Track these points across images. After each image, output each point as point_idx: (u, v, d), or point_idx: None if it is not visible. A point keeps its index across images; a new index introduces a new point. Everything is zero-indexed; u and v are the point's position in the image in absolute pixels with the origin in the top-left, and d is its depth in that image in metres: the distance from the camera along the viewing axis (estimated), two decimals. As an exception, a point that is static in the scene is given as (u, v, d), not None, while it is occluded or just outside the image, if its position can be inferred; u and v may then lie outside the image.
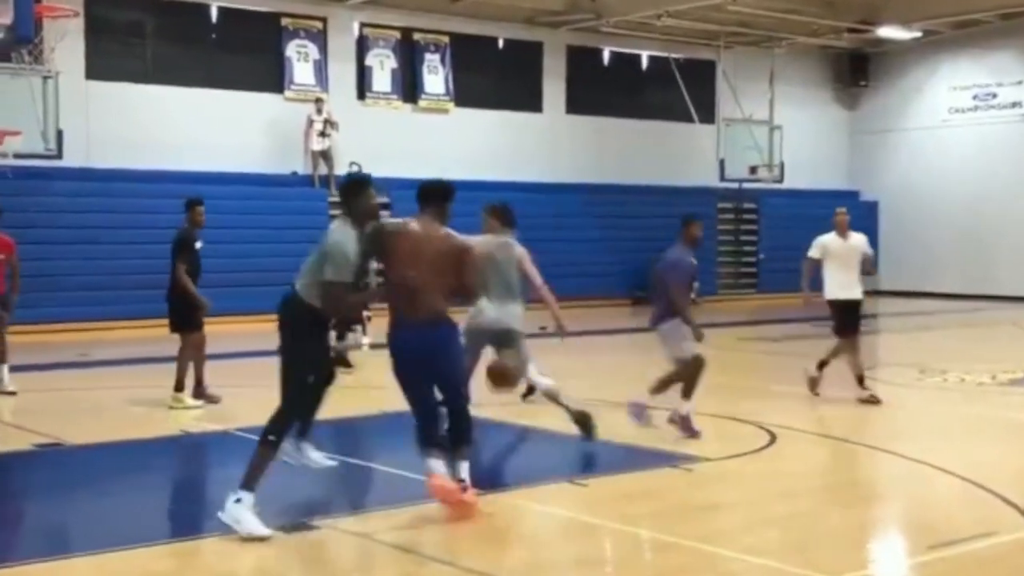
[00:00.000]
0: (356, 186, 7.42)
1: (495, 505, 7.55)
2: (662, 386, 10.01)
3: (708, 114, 27.74)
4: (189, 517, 7.65)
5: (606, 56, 26.96)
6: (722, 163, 27.23)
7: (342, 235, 7.05)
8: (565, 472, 8.26)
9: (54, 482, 8.37)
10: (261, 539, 6.61)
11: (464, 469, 7.27)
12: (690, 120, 27.19)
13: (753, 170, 27.62)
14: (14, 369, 12.41)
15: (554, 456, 9.56)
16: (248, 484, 6.78)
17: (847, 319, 12.01)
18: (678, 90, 26.83)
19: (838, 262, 12.05)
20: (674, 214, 29.03)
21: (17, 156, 18.28)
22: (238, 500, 6.72)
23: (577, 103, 26.59)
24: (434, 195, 7.54)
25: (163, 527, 7.41)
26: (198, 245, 11.32)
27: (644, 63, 27.41)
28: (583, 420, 9.49)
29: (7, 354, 12.29)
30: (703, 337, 9.93)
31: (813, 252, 12.29)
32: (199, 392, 11.40)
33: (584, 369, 14.65)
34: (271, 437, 6.92)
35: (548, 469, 8.79)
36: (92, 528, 7.25)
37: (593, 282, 24.95)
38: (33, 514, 7.63)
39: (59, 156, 18.84)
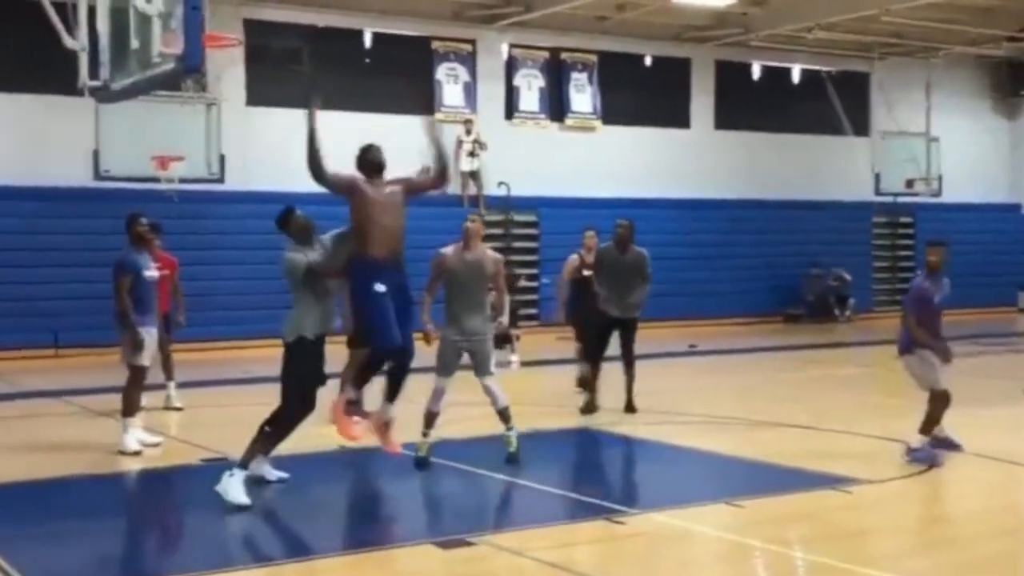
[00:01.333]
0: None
1: (649, 524, 7.54)
2: (930, 424, 9.60)
3: (862, 127, 27.19)
4: (350, 530, 7.83)
5: (755, 70, 26.65)
6: (877, 177, 26.66)
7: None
8: (722, 493, 8.19)
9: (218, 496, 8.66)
10: (243, 507, 7.72)
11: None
12: (843, 133, 26.69)
13: (910, 183, 26.95)
14: (180, 386, 12.91)
15: (711, 477, 9.49)
16: (243, 463, 7.97)
17: None
18: (830, 103, 26.37)
19: None
20: (826, 229, 28.71)
21: (182, 180, 19.04)
22: (231, 474, 7.87)
23: (726, 118, 26.35)
24: None
25: (326, 540, 7.60)
26: None
27: (795, 76, 27.01)
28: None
29: (174, 371, 12.80)
30: (951, 356, 9.57)
31: None
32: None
33: (727, 387, 14.48)
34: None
35: (704, 490, 8.73)
36: (258, 541, 7.48)
37: (743, 299, 24.66)
38: (199, 526, 7.91)
39: (221, 180, 19.54)
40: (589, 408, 12.19)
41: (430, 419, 9.35)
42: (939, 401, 9.49)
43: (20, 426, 12.40)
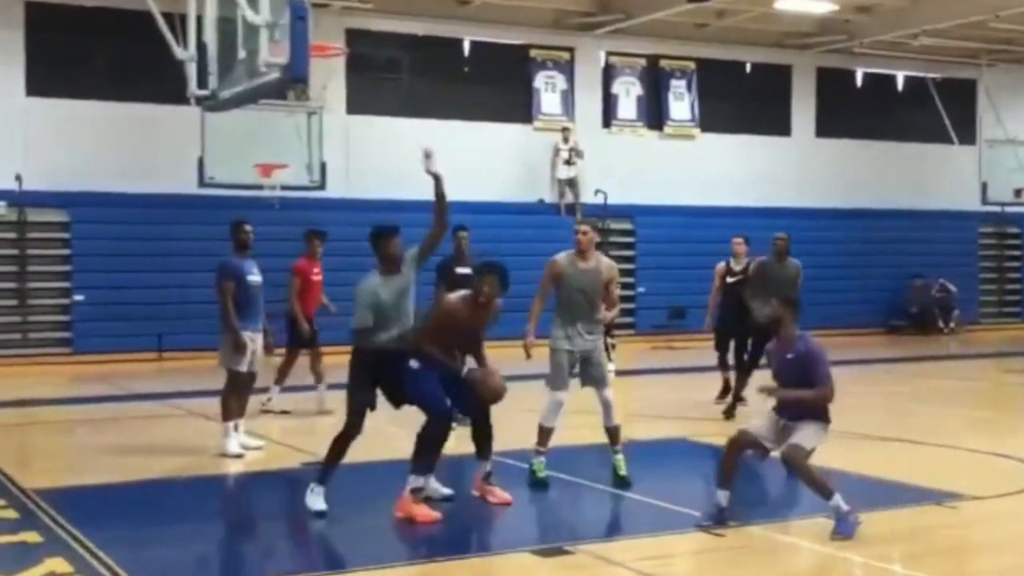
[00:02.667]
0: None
1: (749, 537, 7.44)
2: None
3: (968, 135, 26.60)
4: (449, 537, 7.84)
5: (858, 77, 26.23)
6: (984, 185, 26.00)
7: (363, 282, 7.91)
8: (823, 507, 8.03)
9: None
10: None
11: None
12: (948, 141, 26.13)
13: (1019, 193, 26.27)
14: (284, 390, 13.10)
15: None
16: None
17: None
18: (935, 111, 25.85)
19: None
20: (931, 239, 28.08)
21: (284, 188, 19.34)
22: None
23: (827, 126, 25.98)
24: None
25: (424, 547, 7.63)
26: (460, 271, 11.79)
27: (899, 84, 26.51)
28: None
29: (286, 378, 13.03)
30: None
31: None
32: None
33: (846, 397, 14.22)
34: None
35: (806, 503, 8.57)
36: (358, 544, 7.54)
37: (845, 311, 24.23)
38: (301, 530, 8.00)
39: (322, 187, 19.80)
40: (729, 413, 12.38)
41: (546, 435, 9.01)
42: None
43: (126, 428, 12.69)
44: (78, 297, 19.62)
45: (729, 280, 13.34)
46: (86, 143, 19.64)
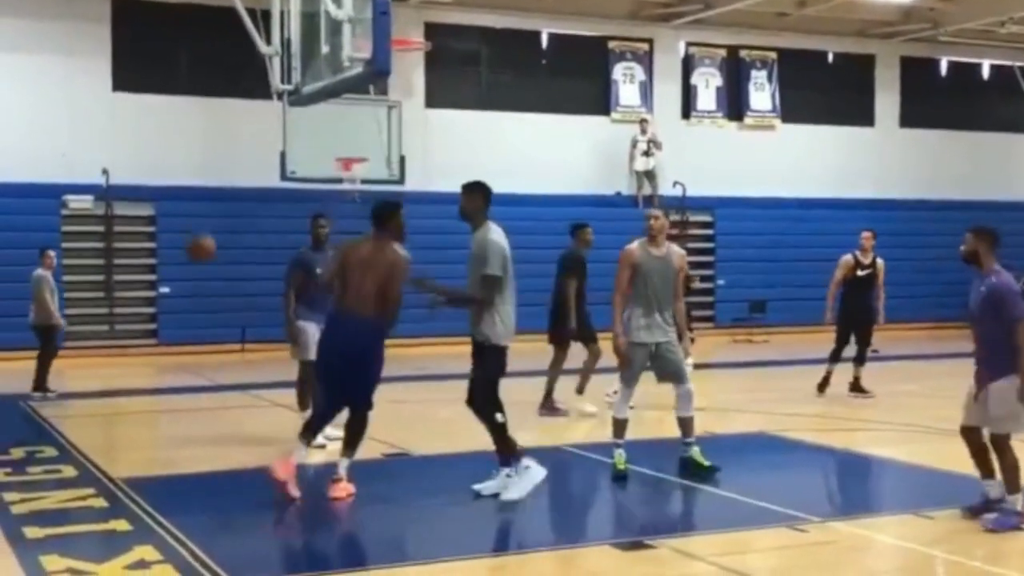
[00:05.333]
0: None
1: (832, 533, 7.36)
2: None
3: (1057, 124, 25.97)
4: (531, 529, 7.87)
5: (943, 66, 25.75)
6: (1073, 176, 25.40)
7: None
8: (909, 503, 7.93)
9: (402, 490, 8.84)
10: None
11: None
12: (1036, 131, 25.54)
13: (1107, 182, 25.59)
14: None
15: (897, 486, 9.21)
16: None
17: None
18: (1022, 100, 25.25)
19: None
20: (1018, 231, 27.58)
21: (364, 182, 19.48)
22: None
23: (911, 116, 25.54)
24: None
25: (509, 536, 7.66)
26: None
27: (985, 72, 25.97)
28: None
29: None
30: None
31: None
32: (549, 404, 12.04)
33: (912, 393, 14.03)
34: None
35: (891, 499, 8.49)
36: (445, 535, 7.56)
37: (928, 304, 23.82)
38: (383, 520, 8.07)
39: (401, 181, 19.91)
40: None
41: (621, 427, 8.95)
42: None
43: (210, 418, 12.91)
44: (164, 289, 19.99)
45: (859, 274, 13.41)
46: (171, 137, 19.97)
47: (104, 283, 19.84)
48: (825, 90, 25.07)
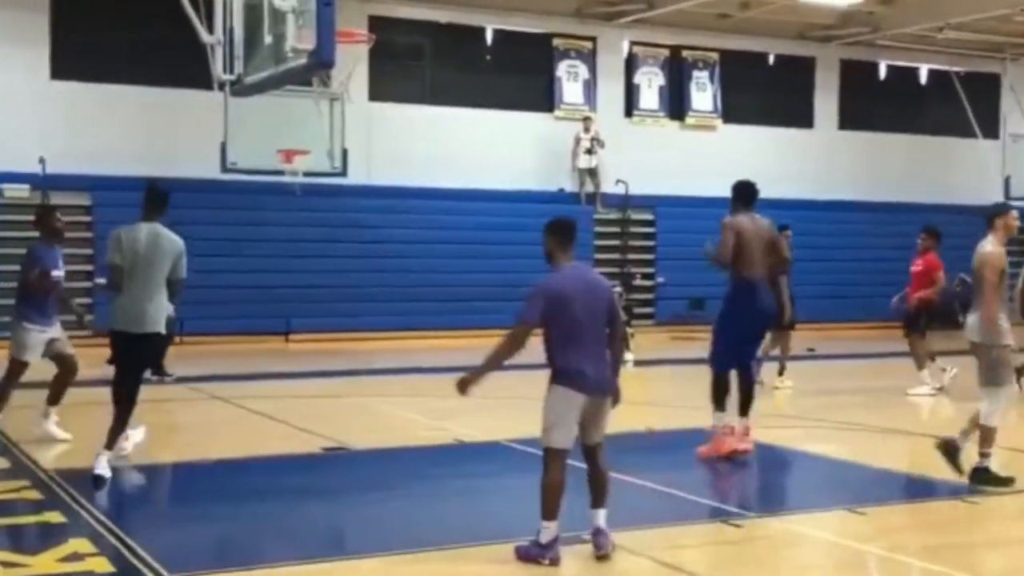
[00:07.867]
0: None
1: (767, 528, 7.45)
2: None
3: (991, 129, 26.42)
4: (462, 523, 7.86)
5: (882, 70, 26.13)
6: (1007, 180, 25.83)
7: None
8: (843, 500, 8.03)
9: (339, 484, 8.81)
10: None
11: None
12: (972, 136, 25.96)
13: (1042, 188, 26.05)
14: (296, 376, 13.15)
15: (832, 483, 9.30)
16: None
17: None
18: (959, 104, 25.68)
19: None
20: (953, 234, 27.86)
21: (306, 174, 19.36)
22: None
23: (850, 118, 25.90)
24: None
25: (440, 532, 7.65)
26: None
27: (923, 77, 26.38)
28: None
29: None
30: None
31: None
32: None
33: (848, 392, 14.21)
34: None
35: (825, 495, 8.58)
36: (375, 530, 7.56)
37: (864, 304, 24.13)
38: (319, 514, 8.03)
39: (344, 174, 19.83)
40: None
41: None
42: None
43: (144, 410, 12.75)
44: (100, 280, 19.69)
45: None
46: (110, 127, 19.72)
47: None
48: (766, 91, 25.35)
